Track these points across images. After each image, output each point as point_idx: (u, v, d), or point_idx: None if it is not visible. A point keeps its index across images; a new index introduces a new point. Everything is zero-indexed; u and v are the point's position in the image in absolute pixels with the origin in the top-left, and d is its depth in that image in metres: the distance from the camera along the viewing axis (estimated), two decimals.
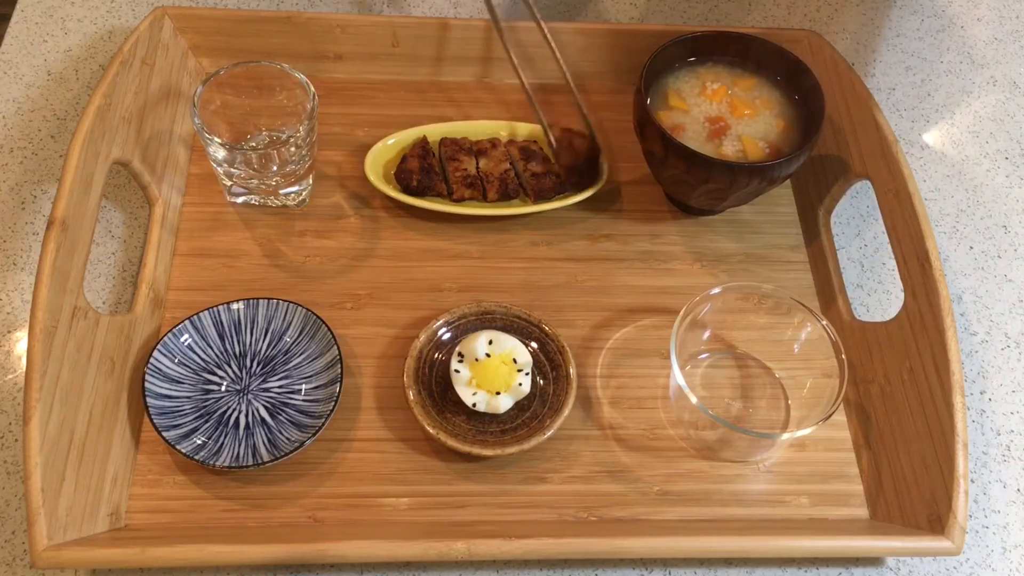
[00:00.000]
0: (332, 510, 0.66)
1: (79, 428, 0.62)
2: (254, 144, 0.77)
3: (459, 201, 0.79)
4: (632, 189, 0.83)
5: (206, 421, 0.67)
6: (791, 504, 0.69)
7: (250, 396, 0.69)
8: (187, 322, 0.70)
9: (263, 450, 0.66)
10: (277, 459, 0.64)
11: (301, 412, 0.68)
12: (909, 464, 0.67)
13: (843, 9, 0.99)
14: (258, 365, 0.70)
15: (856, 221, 0.85)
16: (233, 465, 0.64)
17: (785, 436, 0.67)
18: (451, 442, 0.66)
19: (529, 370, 0.69)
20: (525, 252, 0.79)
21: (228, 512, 0.65)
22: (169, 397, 0.67)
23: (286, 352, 0.70)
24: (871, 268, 0.82)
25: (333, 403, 0.67)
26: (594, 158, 0.80)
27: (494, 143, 0.81)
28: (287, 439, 0.66)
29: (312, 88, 0.73)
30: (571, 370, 0.70)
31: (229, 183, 0.76)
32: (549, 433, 0.67)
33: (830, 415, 0.66)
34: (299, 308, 0.71)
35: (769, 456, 0.70)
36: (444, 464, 0.68)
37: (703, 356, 0.75)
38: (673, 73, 0.78)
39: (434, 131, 0.82)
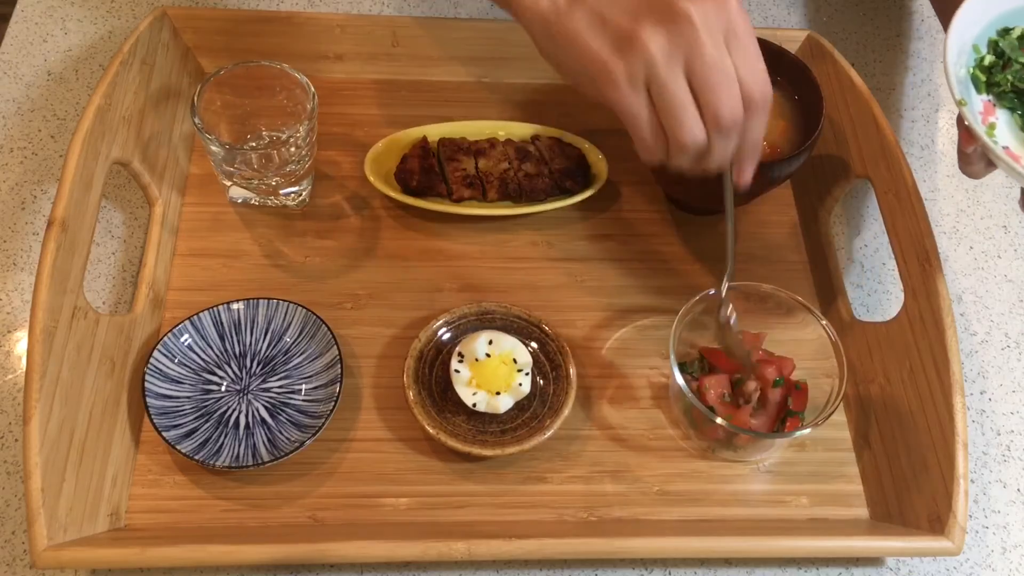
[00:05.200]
0: (332, 510, 0.66)
1: (79, 428, 0.62)
2: (254, 144, 0.77)
3: (459, 201, 0.79)
4: (632, 189, 0.83)
5: (206, 421, 0.67)
6: (791, 504, 0.69)
7: (250, 396, 0.69)
8: (187, 322, 0.70)
9: (263, 450, 0.66)
10: (277, 459, 0.64)
11: (301, 412, 0.68)
12: (909, 464, 0.67)
13: (843, 9, 0.99)
14: (258, 365, 0.70)
15: (856, 221, 0.85)
16: (233, 465, 0.64)
17: (785, 436, 0.67)
18: (451, 442, 0.66)
19: (529, 370, 0.69)
20: (525, 252, 0.79)
21: (228, 512, 0.65)
22: (169, 397, 0.67)
23: (286, 352, 0.70)
24: (871, 268, 0.82)
25: (333, 403, 0.67)
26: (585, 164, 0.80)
27: (492, 143, 0.81)
28: (287, 439, 0.66)
29: (312, 88, 0.73)
30: (571, 370, 0.70)
31: (229, 183, 0.76)
32: (549, 433, 0.67)
33: (830, 415, 0.66)
34: (299, 308, 0.71)
35: (769, 456, 0.70)
36: (444, 464, 0.68)
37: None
38: None
39: (434, 131, 0.82)
